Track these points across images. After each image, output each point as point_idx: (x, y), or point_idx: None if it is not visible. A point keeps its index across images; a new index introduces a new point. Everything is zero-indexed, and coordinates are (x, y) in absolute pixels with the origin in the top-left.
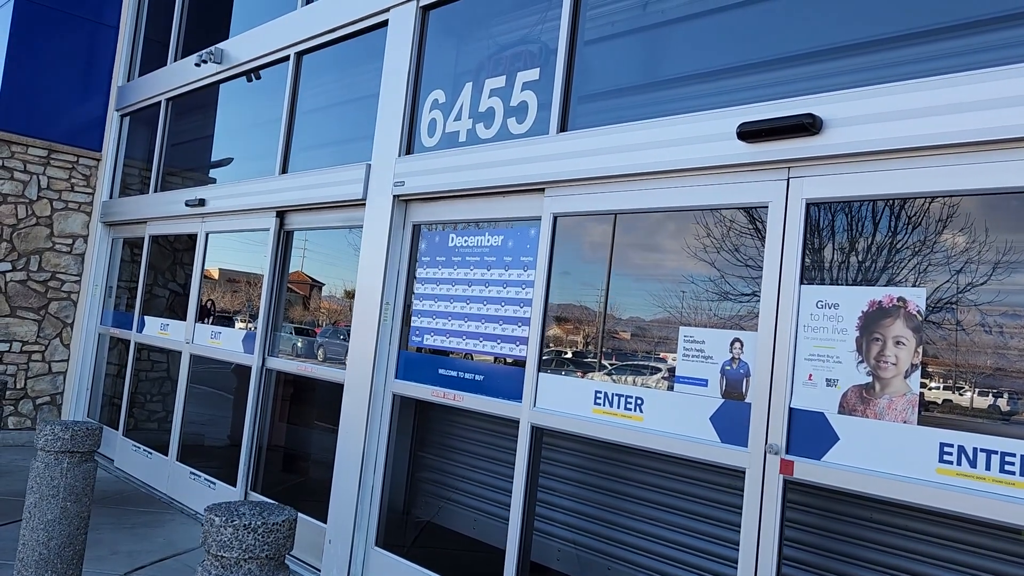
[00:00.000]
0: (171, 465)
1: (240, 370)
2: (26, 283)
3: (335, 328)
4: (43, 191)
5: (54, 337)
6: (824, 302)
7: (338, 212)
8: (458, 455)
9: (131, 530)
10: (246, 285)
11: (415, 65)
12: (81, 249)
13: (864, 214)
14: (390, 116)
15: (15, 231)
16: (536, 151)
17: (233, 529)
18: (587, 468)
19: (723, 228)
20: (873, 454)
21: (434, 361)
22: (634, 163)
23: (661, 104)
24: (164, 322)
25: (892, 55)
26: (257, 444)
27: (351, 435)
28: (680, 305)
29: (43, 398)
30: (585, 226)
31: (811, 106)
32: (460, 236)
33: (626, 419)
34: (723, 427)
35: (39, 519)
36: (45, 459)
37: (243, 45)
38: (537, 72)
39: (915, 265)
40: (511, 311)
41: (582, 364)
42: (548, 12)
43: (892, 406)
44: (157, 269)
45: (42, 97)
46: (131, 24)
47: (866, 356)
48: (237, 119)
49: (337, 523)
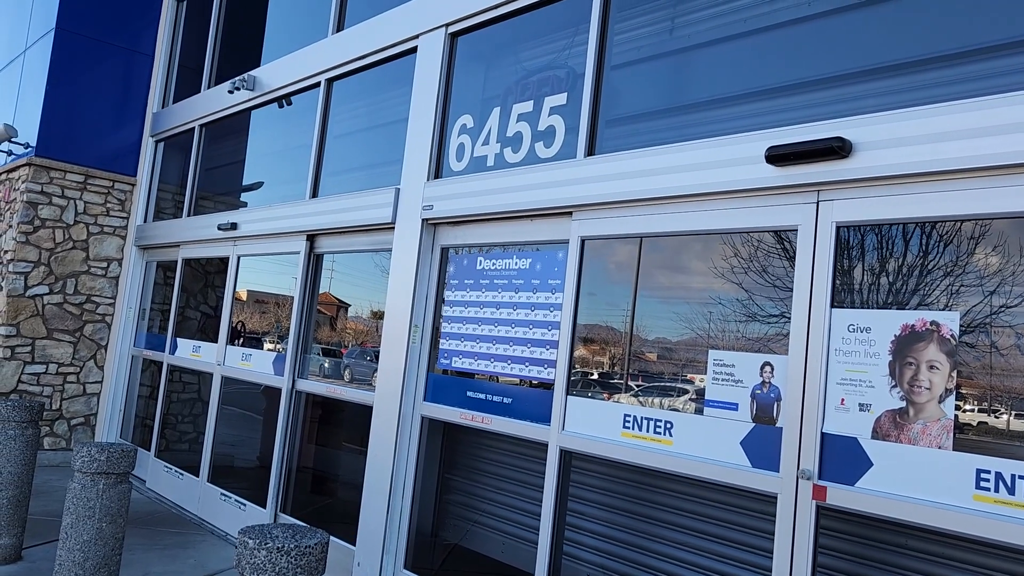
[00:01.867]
0: (202, 486)
1: (269, 391)
2: (62, 306)
3: (362, 349)
4: (80, 216)
5: (89, 359)
6: (856, 326)
7: (367, 236)
8: (486, 478)
9: (163, 551)
10: (275, 306)
11: (443, 90)
12: (116, 272)
13: (895, 236)
14: (419, 141)
15: (52, 255)
16: (563, 175)
17: (267, 552)
18: (616, 492)
19: (751, 248)
20: (908, 480)
21: (462, 384)
22: (662, 187)
23: (689, 128)
24: (196, 344)
25: (921, 78)
26: (287, 466)
27: (380, 457)
28: (707, 326)
29: (77, 419)
30: (611, 247)
31: (840, 129)
32: (488, 259)
33: (655, 443)
34: (754, 452)
35: (75, 539)
36: (81, 480)
37: (275, 72)
38: (564, 97)
39: (947, 287)
40: (539, 334)
41: (609, 385)
42: (575, 37)
43: (926, 431)
44: (189, 292)
45: (80, 124)
46: (166, 52)
47: (899, 381)
48: (268, 144)
49: (366, 545)
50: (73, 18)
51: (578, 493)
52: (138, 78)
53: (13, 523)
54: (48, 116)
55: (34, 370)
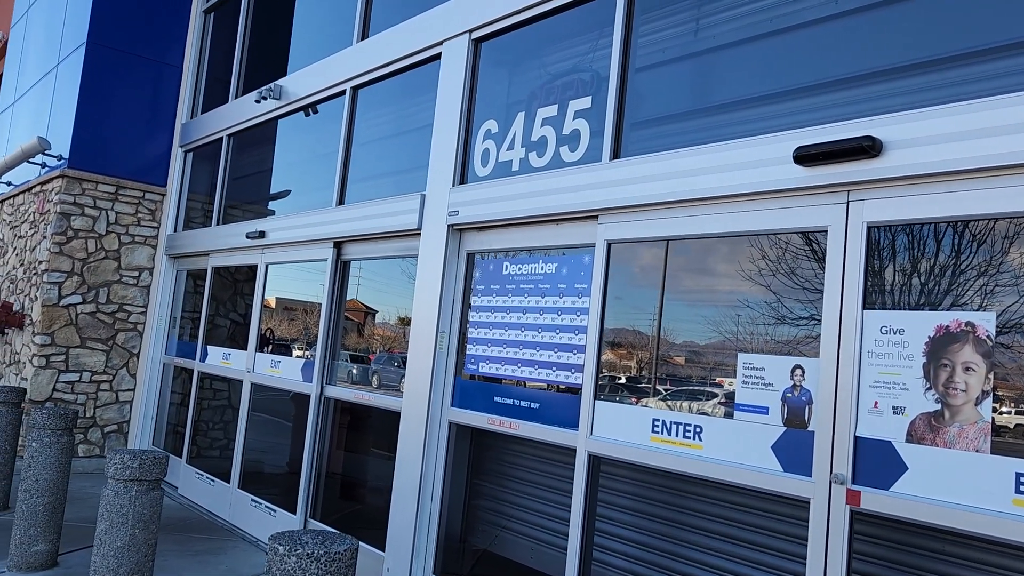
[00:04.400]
0: (233, 493)
1: (298, 398)
2: (95, 315)
3: (389, 355)
4: (111, 226)
5: (121, 367)
6: (888, 327)
7: (393, 242)
8: (514, 483)
9: (194, 557)
10: (303, 313)
11: (468, 96)
12: (147, 281)
13: (927, 235)
14: (444, 147)
15: (85, 265)
16: (589, 179)
17: (297, 558)
18: (646, 497)
19: (779, 250)
20: (944, 484)
21: (489, 389)
22: (688, 189)
23: (715, 129)
24: (226, 351)
25: (952, 74)
26: (316, 472)
27: (408, 463)
28: (736, 329)
29: (111, 426)
30: (637, 250)
31: (869, 128)
32: (514, 264)
33: (685, 447)
34: (786, 456)
35: (109, 546)
36: (115, 487)
37: (301, 81)
38: (589, 100)
39: (982, 287)
40: (565, 338)
41: (637, 390)
42: (599, 40)
43: (963, 434)
44: (219, 300)
45: (111, 136)
46: (194, 64)
47: (934, 383)
48: (295, 152)
49: (395, 551)
50: (104, 32)
51: (607, 498)
52: (167, 90)
53: (49, 529)
54: (80, 128)
55: (68, 378)
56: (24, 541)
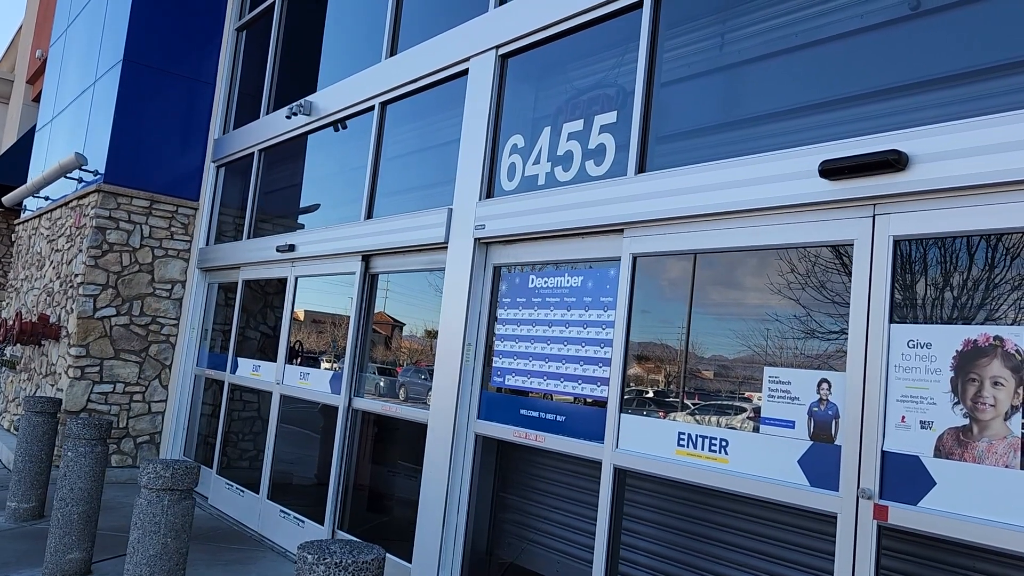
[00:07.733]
0: (262, 503)
1: (327, 410)
2: (129, 327)
3: (416, 367)
4: (145, 239)
5: (154, 378)
6: (916, 341)
7: (421, 255)
8: (540, 495)
9: (224, 566)
10: (331, 326)
11: (494, 111)
12: (179, 294)
13: (953, 249)
14: (470, 161)
15: (120, 278)
16: (614, 192)
17: (325, 567)
18: (671, 511)
19: (807, 264)
20: (973, 500)
21: (515, 401)
22: (714, 203)
23: (740, 143)
24: (256, 363)
25: (978, 88)
26: (344, 483)
27: (435, 475)
28: (764, 343)
29: (143, 437)
30: (663, 263)
31: (896, 142)
32: (540, 277)
33: (711, 461)
34: (812, 470)
35: (142, 554)
36: (148, 496)
37: (331, 97)
38: (615, 115)
39: (1012, 301)
40: (591, 351)
41: (664, 404)
42: (625, 56)
43: (992, 449)
44: (249, 312)
45: (145, 151)
46: (226, 80)
47: (962, 398)
48: (324, 167)
49: (422, 563)
50: (139, 51)
51: (633, 512)
52: (200, 106)
53: (84, 538)
54: (116, 144)
55: (102, 389)
56: (59, 549)
